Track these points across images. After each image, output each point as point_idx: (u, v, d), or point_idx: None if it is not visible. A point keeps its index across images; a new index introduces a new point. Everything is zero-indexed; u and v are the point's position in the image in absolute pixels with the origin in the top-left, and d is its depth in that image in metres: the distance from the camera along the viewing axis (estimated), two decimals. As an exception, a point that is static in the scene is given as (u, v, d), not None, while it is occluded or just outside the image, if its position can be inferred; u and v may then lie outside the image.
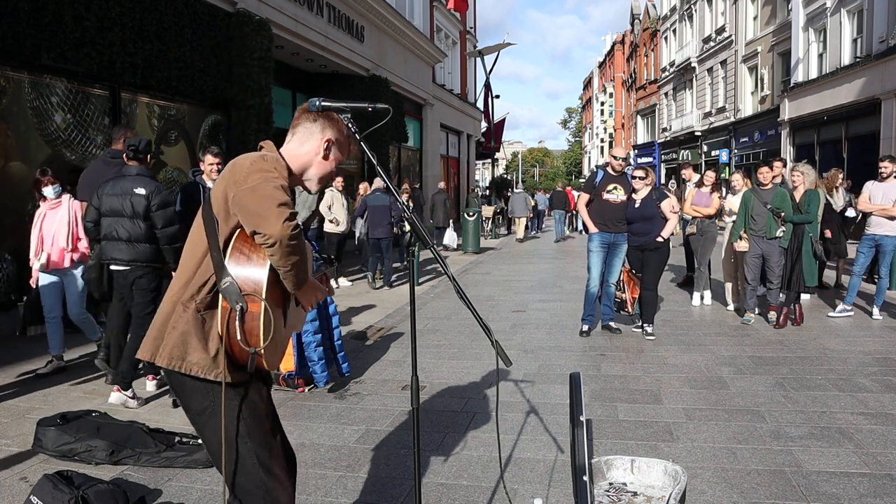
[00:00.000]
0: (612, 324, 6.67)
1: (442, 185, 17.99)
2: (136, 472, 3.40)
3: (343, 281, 10.34)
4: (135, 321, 4.54)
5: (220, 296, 1.83)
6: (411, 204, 12.82)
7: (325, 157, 2.06)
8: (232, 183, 1.84)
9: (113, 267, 4.52)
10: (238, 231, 1.87)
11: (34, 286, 5.27)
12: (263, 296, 1.82)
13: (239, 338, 1.81)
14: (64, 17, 6.86)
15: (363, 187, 11.48)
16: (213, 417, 1.89)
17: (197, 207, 2.04)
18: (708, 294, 8.29)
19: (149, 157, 4.94)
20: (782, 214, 6.72)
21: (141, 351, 1.92)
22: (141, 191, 4.42)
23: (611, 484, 2.73)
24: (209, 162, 5.33)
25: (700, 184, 8.27)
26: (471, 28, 29.34)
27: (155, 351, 1.89)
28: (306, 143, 2.04)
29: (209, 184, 5.31)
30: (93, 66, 7.30)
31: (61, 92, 7.32)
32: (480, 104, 28.26)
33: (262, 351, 1.84)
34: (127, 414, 4.17)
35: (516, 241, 20.14)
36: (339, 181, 10.17)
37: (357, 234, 10.44)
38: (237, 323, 1.80)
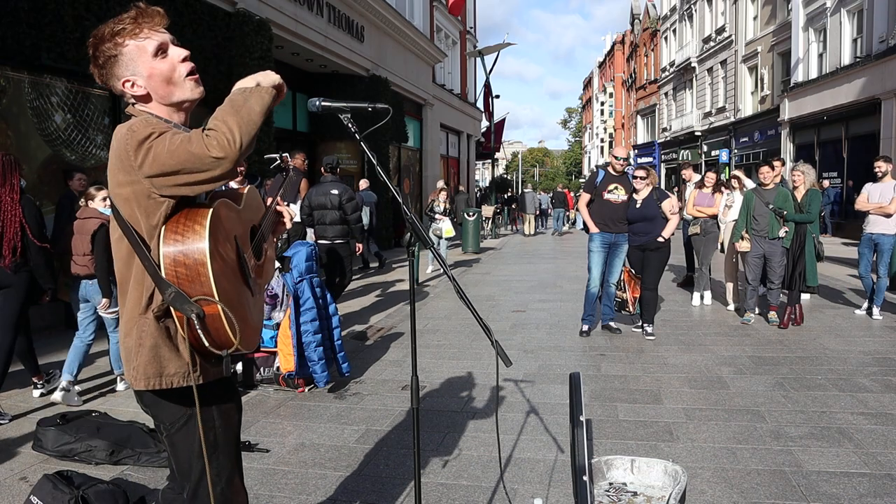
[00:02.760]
0: (612, 324, 6.67)
1: (462, 187, 19.19)
2: (136, 472, 3.40)
3: None
4: (338, 270, 6.92)
5: (172, 308, 1.63)
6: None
7: (146, 91, 1.76)
8: (136, 177, 1.60)
9: (320, 241, 6.80)
10: (165, 224, 1.64)
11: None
12: (216, 295, 1.62)
13: (208, 344, 1.65)
14: (64, 17, 6.86)
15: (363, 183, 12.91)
16: (187, 425, 1.76)
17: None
18: (708, 294, 8.30)
19: (338, 170, 7.28)
20: (784, 214, 6.73)
21: (129, 378, 1.73)
22: (335, 192, 6.80)
23: (611, 484, 2.73)
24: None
25: (701, 184, 8.29)
26: (471, 28, 29.35)
27: (131, 375, 1.70)
28: (134, 97, 1.75)
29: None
30: (93, 66, 7.30)
31: (61, 92, 7.32)
32: (480, 104, 28.28)
33: (239, 348, 1.69)
34: (127, 414, 4.17)
35: (525, 236, 22.19)
36: None
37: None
38: (199, 331, 1.63)
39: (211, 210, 1.66)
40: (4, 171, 4.33)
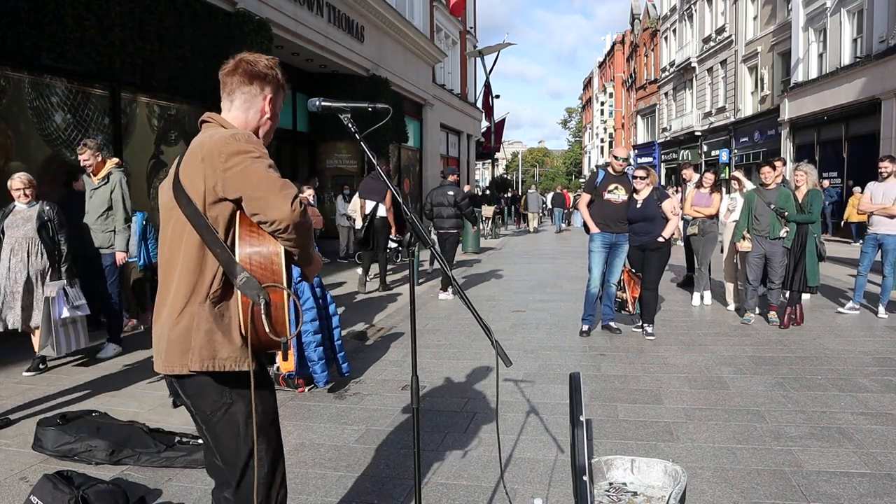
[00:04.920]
0: (612, 324, 6.66)
1: (467, 187, 20.04)
2: (136, 472, 3.40)
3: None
4: (447, 251, 9.08)
5: (239, 292, 1.76)
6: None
7: (272, 117, 2.02)
8: (211, 171, 1.76)
9: (438, 231, 9.06)
10: (239, 216, 1.80)
11: None
12: (285, 283, 1.77)
13: (268, 330, 1.75)
14: (64, 17, 6.86)
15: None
16: (229, 412, 1.87)
17: None
18: (708, 294, 8.29)
19: (455, 176, 9.65)
20: (786, 214, 6.73)
21: (165, 366, 1.85)
22: (451, 193, 9.05)
23: (611, 484, 2.73)
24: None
25: (699, 184, 8.28)
26: (471, 28, 29.34)
27: (182, 362, 1.82)
28: (251, 108, 1.99)
29: None
30: (93, 66, 7.29)
31: (61, 92, 7.31)
32: (480, 104, 28.27)
33: (291, 339, 1.82)
34: (127, 414, 4.17)
35: (531, 232, 24.61)
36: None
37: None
38: (263, 317, 1.74)
39: None
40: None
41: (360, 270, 9.87)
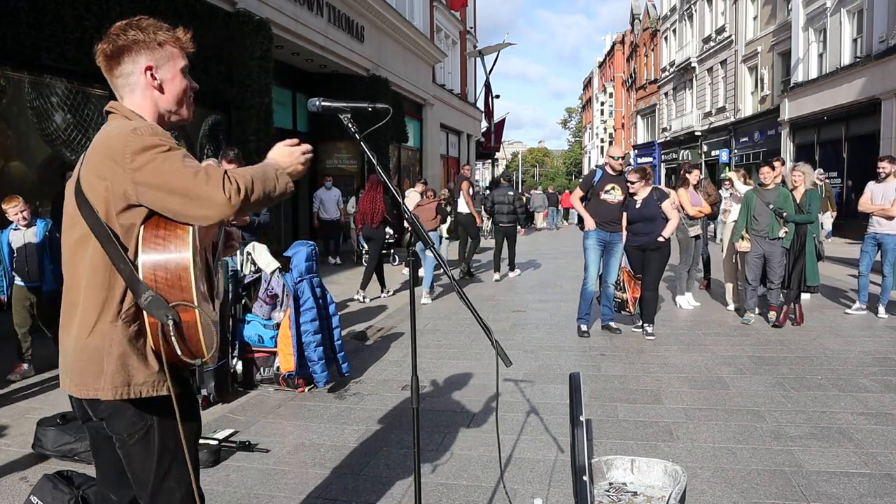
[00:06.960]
0: (612, 324, 6.66)
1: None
2: (136, 472, 3.40)
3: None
4: (510, 243, 11.07)
5: (145, 313, 1.59)
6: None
7: (161, 87, 1.75)
8: (121, 173, 1.55)
9: (499, 224, 10.88)
10: (144, 224, 1.60)
11: None
12: (195, 301, 1.58)
13: (181, 352, 1.59)
14: (64, 17, 6.86)
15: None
16: (147, 436, 1.70)
17: None
18: (689, 296, 8.18)
19: (508, 180, 12.11)
20: (784, 214, 6.73)
21: (78, 389, 1.66)
22: (510, 193, 10.90)
23: (611, 484, 2.73)
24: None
25: (686, 184, 7.93)
26: (471, 28, 29.33)
27: (96, 385, 1.62)
28: (135, 90, 1.73)
29: None
30: (93, 66, 7.26)
31: (61, 92, 7.31)
32: (480, 104, 28.29)
33: (209, 360, 1.64)
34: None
35: (536, 229, 26.40)
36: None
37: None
38: (173, 338, 1.57)
39: None
40: (375, 184, 8.72)
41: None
